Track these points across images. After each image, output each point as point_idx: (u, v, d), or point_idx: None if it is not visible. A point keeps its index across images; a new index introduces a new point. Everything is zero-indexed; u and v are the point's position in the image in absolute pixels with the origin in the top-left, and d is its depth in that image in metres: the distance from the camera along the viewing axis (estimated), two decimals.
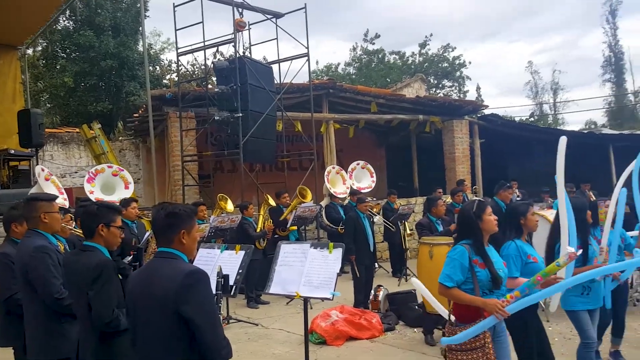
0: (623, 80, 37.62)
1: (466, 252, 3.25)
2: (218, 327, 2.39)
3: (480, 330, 3.09)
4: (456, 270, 3.21)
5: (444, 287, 3.24)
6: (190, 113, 10.87)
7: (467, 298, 3.19)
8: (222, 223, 7.54)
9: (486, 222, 3.33)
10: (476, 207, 3.38)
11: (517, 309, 3.10)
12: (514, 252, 3.75)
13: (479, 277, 3.20)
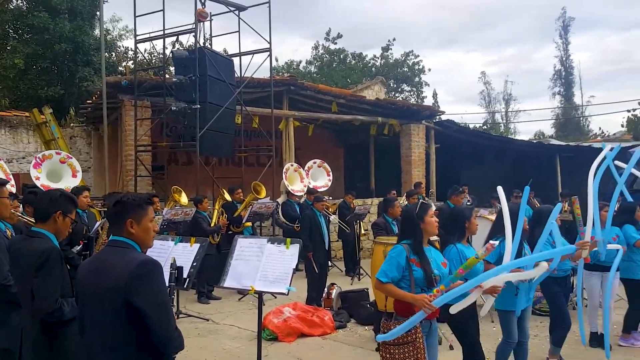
0: (572, 93, 39.18)
1: (404, 251, 3.42)
2: (170, 319, 2.34)
3: (411, 325, 3.23)
4: (392, 267, 3.39)
5: (379, 282, 3.41)
6: (146, 102, 10.60)
7: (399, 293, 3.34)
8: (175, 216, 7.39)
9: (427, 224, 3.51)
10: (419, 208, 3.55)
11: (443, 302, 3.25)
12: (455, 255, 3.94)
13: (415, 275, 3.37)
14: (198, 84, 9.21)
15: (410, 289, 3.37)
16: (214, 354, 5.68)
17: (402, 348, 3.26)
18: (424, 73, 31.76)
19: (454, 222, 4.14)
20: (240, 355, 5.63)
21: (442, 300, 3.24)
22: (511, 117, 41.47)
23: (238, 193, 9.16)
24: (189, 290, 8.48)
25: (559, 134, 34.32)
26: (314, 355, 5.65)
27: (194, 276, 3.39)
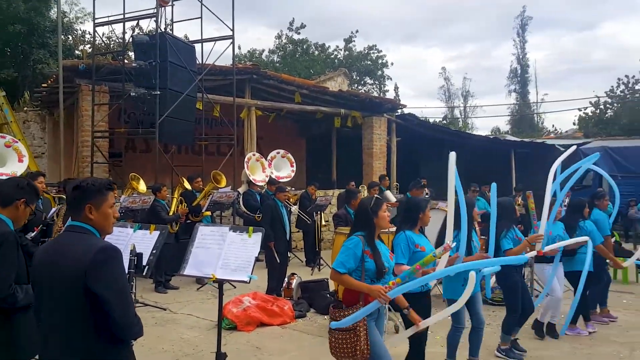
0: (527, 91, 40.30)
1: (360, 242, 3.50)
2: (129, 305, 2.31)
3: (366, 313, 3.35)
4: (350, 258, 3.46)
5: (337, 273, 3.47)
6: (104, 87, 10.32)
7: (355, 284, 3.43)
8: (133, 203, 7.24)
9: (380, 219, 3.62)
10: (374, 203, 3.65)
11: (397, 294, 3.39)
12: (403, 241, 4.11)
13: (367, 267, 3.47)
14: (158, 69, 9.04)
15: (360, 280, 3.47)
16: (172, 343, 5.62)
17: (344, 334, 3.38)
18: (386, 67, 32.04)
19: (409, 212, 4.32)
20: (198, 345, 5.59)
21: (396, 292, 3.36)
22: (469, 112, 42.38)
23: (198, 182, 9.05)
24: (146, 280, 8.37)
25: (514, 130, 35.26)
26: (273, 344, 5.67)
27: (153, 264, 3.34)
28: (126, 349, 2.41)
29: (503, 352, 5.32)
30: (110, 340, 2.29)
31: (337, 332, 3.41)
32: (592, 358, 5.39)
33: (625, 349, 5.67)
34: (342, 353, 3.40)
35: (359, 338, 3.34)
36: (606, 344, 5.86)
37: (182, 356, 5.26)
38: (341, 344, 3.38)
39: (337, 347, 3.43)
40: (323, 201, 10.31)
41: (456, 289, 4.60)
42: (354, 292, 3.49)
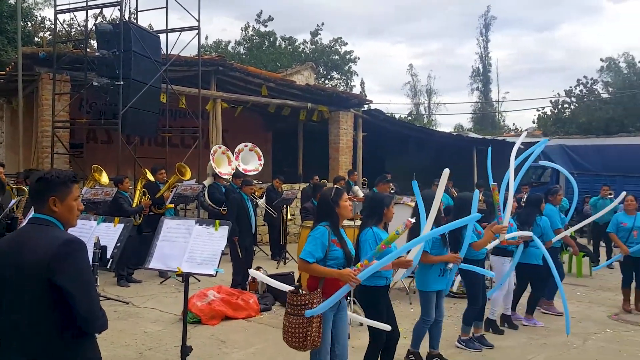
0: (489, 89, 41.18)
1: (327, 232, 3.57)
2: (94, 298, 2.29)
3: (338, 298, 3.42)
4: (317, 248, 3.52)
5: (306, 263, 3.51)
6: (65, 76, 10.04)
7: (324, 270, 3.49)
8: (95, 196, 7.10)
9: (342, 208, 3.68)
10: (334, 194, 3.71)
11: (366, 275, 3.45)
12: (371, 237, 4.14)
13: (336, 255, 3.55)
14: (122, 59, 8.86)
15: (335, 267, 3.53)
16: (135, 337, 5.56)
17: (298, 319, 3.44)
18: (354, 62, 32.16)
19: (374, 207, 4.36)
20: (162, 339, 5.55)
21: (365, 273, 3.42)
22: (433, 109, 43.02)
23: (161, 173, 8.92)
24: (108, 273, 8.22)
25: (476, 128, 35.99)
26: (238, 338, 5.67)
27: (117, 257, 3.30)
28: (91, 342, 2.39)
29: (463, 342, 5.48)
30: (74, 333, 2.27)
31: (291, 316, 3.46)
32: (546, 348, 5.60)
33: (578, 339, 5.91)
34: (293, 338, 3.44)
35: (311, 325, 3.39)
36: (560, 334, 6.08)
37: (146, 350, 5.22)
38: (294, 329, 3.43)
39: (289, 332, 3.47)
40: (290, 195, 10.32)
41: (431, 281, 4.74)
42: (316, 279, 3.55)
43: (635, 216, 7.28)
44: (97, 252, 2.81)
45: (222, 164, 10.74)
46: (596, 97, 24.61)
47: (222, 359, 5.03)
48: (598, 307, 7.48)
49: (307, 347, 3.44)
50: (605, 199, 11.68)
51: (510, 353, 5.40)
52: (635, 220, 7.22)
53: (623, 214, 7.47)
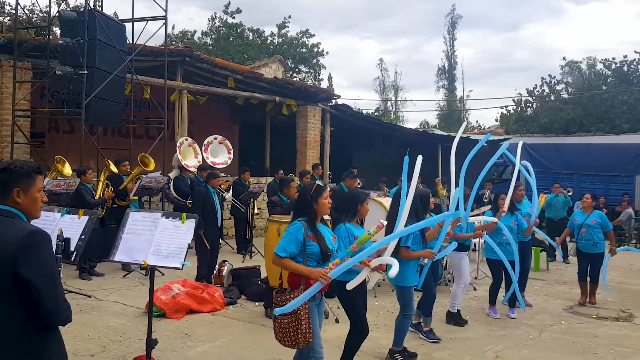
0: (454, 87, 41.83)
1: (302, 227, 3.59)
2: (58, 290, 2.26)
3: (308, 297, 3.42)
4: (291, 243, 3.53)
5: (278, 257, 3.53)
6: (27, 63, 9.75)
7: (295, 267, 3.52)
8: (57, 187, 6.95)
9: (321, 205, 3.70)
10: (314, 190, 3.71)
11: (338, 273, 3.47)
12: (344, 233, 4.21)
13: (312, 250, 3.57)
14: (86, 48, 8.66)
15: (304, 263, 3.55)
16: (98, 331, 5.49)
17: (287, 319, 3.45)
18: (322, 55, 32.15)
19: (349, 204, 4.40)
20: (126, 332, 5.49)
21: (337, 272, 3.45)
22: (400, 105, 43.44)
23: (125, 165, 8.78)
24: (70, 266, 8.06)
25: (442, 125, 36.54)
26: (203, 331, 5.66)
27: (82, 249, 3.26)
28: (55, 335, 2.36)
29: (424, 334, 5.62)
30: (39, 326, 2.24)
31: (280, 317, 3.47)
32: (504, 339, 5.79)
33: (534, 331, 6.13)
34: (286, 338, 3.47)
35: (300, 322, 3.41)
36: (518, 326, 6.31)
37: (109, 343, 5.16)
38: (284, 329, 3.44)
39: (280, 332, 3.49)
40: (256, 188, 10.30)
41: (409, 276, 4.82)
42: (298, 276, 3.56)
43: (589, 214, 7.59)
44: (60, 244, 2.78)
45: (188, 157, 10.64)
46: (557, 96, 25.32)
47: (186, 352, 5.02)
48: (554, 299, 7.76)
49: (300, 344, 3.44)
50: (558, 196, 12.09)
51: (470, 344, 5.56)
52: (587, 217, 7.54)
53: (580, 212, 7.78)
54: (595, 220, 7.49)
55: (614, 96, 22.46)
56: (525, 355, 5.31)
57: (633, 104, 21.60)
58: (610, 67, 23.93)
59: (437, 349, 5.38)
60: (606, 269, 7.42)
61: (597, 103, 22.47)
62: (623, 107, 21.59)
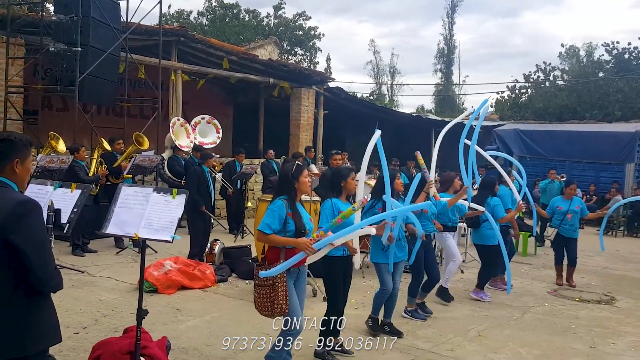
0: (451, 72, 41.77)
1: (284, 205, 3.74)
2: (48, 258, 2.35)
3: (291, 264, 3.60)
4: (275, 220, 3.69)
5: (263, 234, 3.70)
6: (20, 40, 9.71)
7: (282, 240, 3.69)
8: (50, 163, 6.99)
9: (301, 183, 3.85)
10: (295, 169, 3.86)
11: (322, 245, 3.66)
12: (328, 208, 4.37)
13: (289, 227, 3.73)
14: (80, 25, 8.64)
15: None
16: (90, 305, 5.59)
17: (264, 290, 3.63)
18: (318, 38, 31.98)
19: (332, 181, 4.59)
20: (117, 306, 5.60)
21: (320, 244, 3.63)
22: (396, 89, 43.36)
23: (119, 144, 8.83)
24: (64, 243, 8.15)
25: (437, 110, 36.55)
26: (194, 306, 5.78)
27: (74, 222, 3.33)
28: (46, 302, 2.45)
29: (409, 313, 5.78)
30: (29, 293, 2.33)
31: (259, 287, 3.66)
32: (488, 319, 5.94)
33: (517, 312, 6.29)
34: (263, 307, 3.66)
35: (276, 293, 3.59)
36: (501, 307, 6.47)
37: (101, 317, 5.27)
38: (262, 299, 3.64)
39: (258, 302, 3.68)
40: (248, 169, 10.37)
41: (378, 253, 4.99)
42: (276, 251, 3.74)
43: (571, 200, 7.77)
44: (51, 215, 2.85)
45: (180, 137, 10.67)
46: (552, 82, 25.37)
47: (177, 326, 5.14)
48: (539, 283, 7.93)
49: (276, 313, 3.64)
50: (553, 182, 12.23)
51: (454, 324, 5.71)
52: (571, 204, 7.73)
53: (560, 198, 7.98)
54: (578, 206, 7.75)
55: (609, 84, 22.53)
56: (507, 334, 5.46)
57: (628, 92, 21.69)
58: (611, 52, 23.88)
59: (422, 327, 5.52)
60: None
61: (592, 90, 22.55)
62: (618, 94, 21.68)
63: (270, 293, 3.61)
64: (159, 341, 3.99)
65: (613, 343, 5.37)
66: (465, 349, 4.95)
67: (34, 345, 2.38)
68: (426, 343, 5.05)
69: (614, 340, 5.45)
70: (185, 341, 4.73)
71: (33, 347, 2.38)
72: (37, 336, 2.38)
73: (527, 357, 4.86)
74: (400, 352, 4.78)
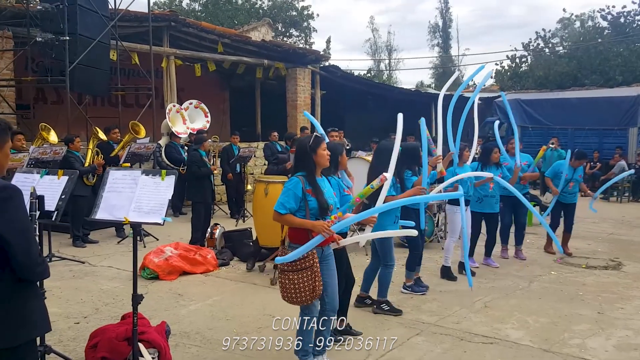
0: (449, 46, 41.34)
1: (300, 183, 3.49)
2: (32, 245, 2.27)
3: (309, 249, 3.37)
4: (290, 199, 3.46)
5: (278, 214, 3.47)
6: (7, 32, 9.54)
7: (298, 222, 3.46)
8: (43, 154, 6.89)
9: (320, 156, 3.57)
10: (313, 141, 3.58)
11: (340, 227, 3.45)
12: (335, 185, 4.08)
13: (311, 205, 3.48)
14: (67, 13, 8.47)
15: (313, 217, 3.49)
16: (91, 294, 5.54)
17: (301, 273, 3.38)
18: (312, 18, 31.61)
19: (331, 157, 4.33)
20: (118, 294, 5.55)
21: (339, 226, 3.42)
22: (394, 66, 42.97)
23: (115, 133, 8.72)
24: (64, 234, 8.10)
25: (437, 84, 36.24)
26: (196, 290, 5.73)
27: (62, 209, 3.25)
28: (33, 291, 2.38)
29: (409, 288, 5.69)
30: (15, 281, 2.26)
31: (291, 272, 3.41)
32: (493, 290, 5.87)
33: (523, 282, 6.22)
34: (300, 294, 3.40)
35: (316, 275, 3.39)
36: (507, 277, 6.40)
37: (102, 306, 5.22)
38: (299, 283, 3.38)
39: (293, 289, 3.41)
40: (246, 152, 10.27)
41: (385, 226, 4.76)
42: (300, 231, 3.51)
43: (575, 169, 7.64)
44: (35, 201, 2.77)
45: (177, 123, 10.56)
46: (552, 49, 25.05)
47: (178, 310, 5.08)
48: (545, 252, 7.84)
49: (315, 297, 3.43)
50: (554, 150, 12.09)
51: (459, 296, 5.63)
52: (575, 173, 7.59)
53: (565, 165, 7.79)
54: (581, 175, 7.70)
55: (609, 48, 22.21)
56: (513, 304, 5.39)
57: (628, 56, 21.39)
58: (606, 18, 23.57)
59: (426, 301, 5.45)
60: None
61: (592, 56, 22.25)
62: (618, 59, 21.39)
63: (310, 276, 3.36)
64: (158, 326, 3.93)
65: (621, 308, 5.30)
66: (471, 321, 4.88)
67: (23, 335, 2.31)
68: (431, 317, 4.99)
69: (622, 305, 5.38)
70: (187, 325, 4.68)
71: (22, 337, 2.31)
72: (25, 325, 2.31)
73: (534, 325, 4.79)
74: (405, 327, 4.71)
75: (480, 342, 4.39)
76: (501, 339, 4.46)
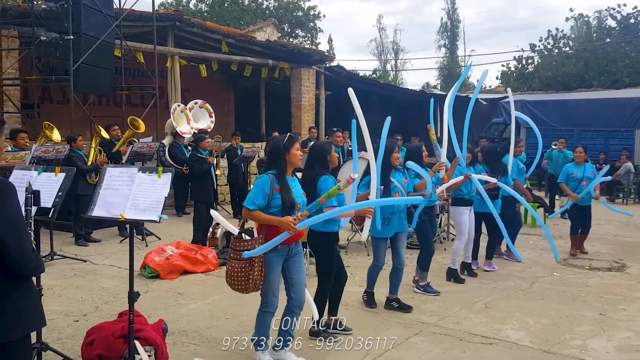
0: (456, 47, 41.20)
1: (269, 180, 3.60)
2: (25, 240, 2.27)
3: (276, 244, 3.48)
4: (258, 195, 3.57)
5: (247, 210, 3.59)
6: (13, 32, 9.61)
7: (265, 218, 3.56)
8: (46, 153, 6.92)
9: (292, 155, 3.68)
10: (286, 140, 3.69)
11: (306, 225, 3.54)
12: (331, 183, 4.17)
13: (275, 203, 3.58)
14: (71, 12, 8.52)
15: (279, 214, 3.57)
16: (92, 293, 5.55)
17: (240, 263, 3.53)
18: (318, 18, 31.61)
19: (317, 156, 4.36)
20: (119, 293, 5.55)
21: (304, 224, 3.50)
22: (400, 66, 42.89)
23: (115, 129, 8.75)
24: (67, 233, 8.13)
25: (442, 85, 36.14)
26: (196, 290, 5.72)
27: (59, 206, 3.26)
28: (27, 286, 2.38)
29: (422, 288, 5.65)
30: (7, 276, 2.26)
31: (235, 261, 3.55)
32: (495, 291, 5.83)
33: (525, 283, 6.17)
34: (236, 281, 3.55)
35: (252, 268, 3.49)
36: (509, 278, 6.35)
37: (102, 304, 5.22)
38: (236, 273, 3.53)
39: (232, 276, 3.57)
40: (250, 152, 10.26)
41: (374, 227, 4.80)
42: (261, 227, 3.63)
43: (584, 167, 7.56)
44: (30, 196, 2.77)
45: (181, 123, 10.57)
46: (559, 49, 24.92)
47: (178, 309, 5.08)
48: (548, 253, 7.71)
49: (249, 289, 3.54)
50: (561, 152, 12.02)
51: (460, 296, 5.60)
52: (585, 170, 7.51)
53: (573, 165, 7.73)
54: (592, 172, 7.53)
55: (616, 50, 22.06)
56: (514, 305, 5.35)
57: (635, 57, 21.25)
58: (616, 18, 23.39)
59: (427, 302, 5.42)
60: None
61: (599, 57, 22.11)
62: (625, 60, 21.25)
63: (245, 267, 3.50)
64: (155, 324, 3.93)
65: (624, 309, 5.25)
66: (471, 321, 4.85)
67: (17, 330, 2.31)
68: (431, 317, 4.96)
69: (625, 307, 5.33)
70: (186, 324, 4.67)
71: (16, 332, 2.31)
72: (19, 321, 2.31)
73: (534, 326, 4.75)
74: (405, 327, 4.69)
75: (479, 343, 4.36)
76: (501, 340, 4.43)
